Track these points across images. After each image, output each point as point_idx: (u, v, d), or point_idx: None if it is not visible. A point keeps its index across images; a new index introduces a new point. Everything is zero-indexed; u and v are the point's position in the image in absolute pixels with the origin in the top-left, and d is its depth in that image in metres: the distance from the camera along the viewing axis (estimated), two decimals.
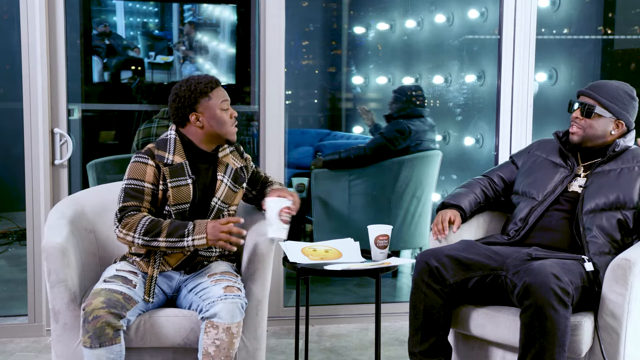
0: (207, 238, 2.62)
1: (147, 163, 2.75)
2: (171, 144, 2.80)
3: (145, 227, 2.65)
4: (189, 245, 2.64)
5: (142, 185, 2.73)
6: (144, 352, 2.73)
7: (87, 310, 2.51)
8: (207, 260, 2.85)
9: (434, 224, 3.02)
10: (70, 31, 4.06)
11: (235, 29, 5.78)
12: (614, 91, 2.92)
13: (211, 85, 2.79)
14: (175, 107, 2.80)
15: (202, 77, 2.82)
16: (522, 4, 4.09)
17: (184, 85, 2.80)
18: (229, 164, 2.87)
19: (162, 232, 2.64)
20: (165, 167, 2.75)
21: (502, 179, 3.18)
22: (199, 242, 2.63)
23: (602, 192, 2.85)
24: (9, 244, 5.07)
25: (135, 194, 2.72)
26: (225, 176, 2.84)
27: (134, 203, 2.70)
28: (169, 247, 2.66)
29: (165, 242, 2.64)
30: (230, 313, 2.57)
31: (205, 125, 2.79)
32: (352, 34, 6.30)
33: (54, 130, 3.73)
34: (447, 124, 5.32)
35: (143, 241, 2.65)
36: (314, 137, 6.23)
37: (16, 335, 3.75)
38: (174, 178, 2.75)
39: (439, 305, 2.77)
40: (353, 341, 3.81)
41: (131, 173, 2.76)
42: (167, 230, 2.64)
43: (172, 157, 2.78)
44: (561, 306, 2.52)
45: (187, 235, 2.63)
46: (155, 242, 2.65)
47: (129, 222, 2.66)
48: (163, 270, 2.78)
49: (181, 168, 2.77)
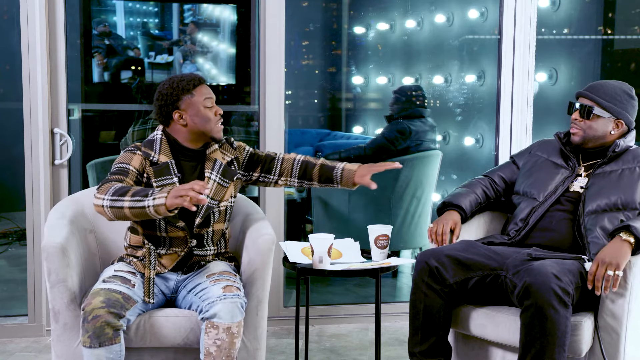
0: (166, 197, 2.49)
1: (134, 152, 2.77)
2: (157, 144, 2.79)
3: (116, 188, 2.59)
4: (148, 204, 2.51)
5: (127, 167, 2.73)
6: (144, 352, 2.73)
7: (87, 310, 2.51)
8: (203, 260, 2.84)
9: (433, 233, 2.99)
10: (70, 31, 4.07)
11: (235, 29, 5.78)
12: (613, 91, 2.92)
13: (194, 82, 2.79)
14: (159, 106, 2.80)
15: (185, 75, 2.82)
16: (522, 4, 4.09)
17: (167, 83, 2.80)
18: (217, 159, 2.84)
19: (129, 192, 2.57)
20: (150, 166, 2.75)
21: (503, 179, 3.18)
22: (158, 202, 2.49)
23: (604, 193, 2.85)
24: (9, 244, 5.07)
25: (120, 172, 2.72)
26: (213, 172, 2.82)
27: (117, 177, 2.70)
28: (131, 208, 2.54)
29: (129, 201, 2.54)
30: (230, 313, 2.56)
31: (189, 122, 2.77)
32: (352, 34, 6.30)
33: (54, 130, 3.73)
34: (447, 124, 5.32)
35: (110, 201, 2.56)
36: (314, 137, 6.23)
37: (16, 335, 3.76)
38: (159, 177, 2.74)
39: (439, 305, 2.77)
40: (353, 341, 3.81)
41: (118, 160, 2.77)
42: (134, 190, 2.57)
43: (157, 156, 2.77)
44: (561, 306, 2.52)
45: (149, 195, 2.53)
46: (120, 201, 2.55)
47: (104, 187, 2.62)
48: (159, 272, 2.77)
49: (166, 167, 2.76)
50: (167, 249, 2.78)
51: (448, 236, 2.96)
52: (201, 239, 2.82)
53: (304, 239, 3.67)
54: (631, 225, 2.63)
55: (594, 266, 2.60)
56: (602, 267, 2.58)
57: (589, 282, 2.60)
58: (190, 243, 2.79)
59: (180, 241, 2.78)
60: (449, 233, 2.96)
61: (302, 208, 5.01)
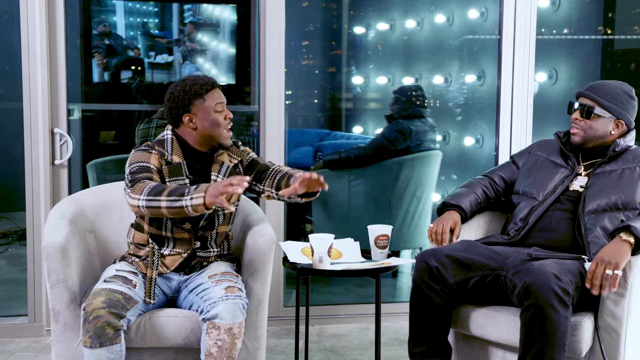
0: (204, 197, 2.51)
1: (150, 152, 2.75)
2: (168, 144, 2.79)
3: (151, 187, 2.59)
4: (187, 205, 2.53)
5: (147, 165, 2.71)
6: (144, 352, 2.73)
7: (88, 310, 2.51)
8: (206, 261, 2.84)
9: (433, 233, 2.99)
10: (70, 31, 4.07)
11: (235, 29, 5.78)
12: (613, 91, 2.92)
13: (206, 87, 2.76)
14: (170, 107, 2.78)
15: (199, 77, 2.79)
16: (522, 4, 4.09)
17: (180, 85, 2.78)
18: (224, 162, 2.84)
19: (164, 191, 2.56)
20: (165, 165, 2.75)
21: (503, 179, 3.18)
22: (197, 202, 2.51)
23: (604, 193, 2.85)
24: (9, 244, 5.07)
25: (145, 170, 2.69)
26: (220, 175, 2.82)
27: (144, 175, 2.68)
28: (169, 207, 2.55)
29: (166, 200, 2.55)
30: (232, 314, 2.56)
31: (199, 126, 2.76)
32: (352, 34, 6.30)
33: (54, 130, 3.73)
34: (447, 124, 5.32)
35: (146, 201, 2.57)
36: (314, 137, 6.23)
37: (16, 335, 3.76)
38: (172, 177, 2.74)
39: (439, 305, 2.77)
40: (353, 341, 3.81)
41: (134, 159, 2.74)
42: (169, 190, 2.57)
43: (171, 156, 2.77)
44: (561, 306, 2.52)
45: (187, 194, 2.54)
46: (157, 201, 2.56)
47: (138, 186, 2.61)
48: (161, 272, 2.77)
49: (179, 168, 2.77)
50: (170, 250, 2.78)
51: (448, 236, 2.96)
52: (205, 241, 2.82)
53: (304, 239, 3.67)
54: (631, 226, 2.63)
55: (594, 265, 2.60)
56: (601, 266, 2.58)
57: (587, 281, 2.60)
58: (194, 245, 2.79)
59: (184, 242, 2.78)
60: (448, 233, 2.96)
61: (302, 208, 5.01)
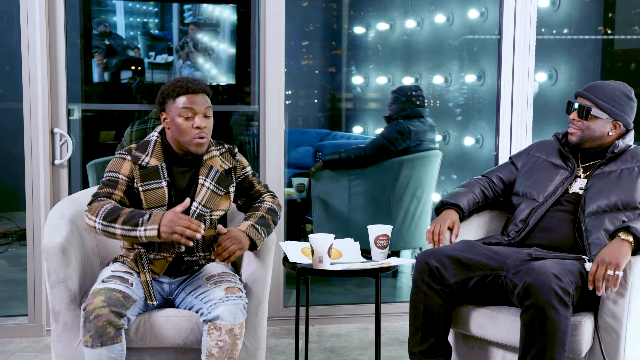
0: (159, 230, 2.52)
1: (124, 158, 2.76)
2: (151, 146, 2.78)
3: (106, 211, 2.60)
4: (140, 235, 2.54)
5: (116, 177, 2.72)
6: (144, 352, 2.73)
7: (89, 309, 2.50)
8: (197, 265, 2.82)
9: (430, 233, 2.98)
10: (70, 31, 4.07)
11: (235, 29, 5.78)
12: (611, 92, 2.91)
13: (180, 90, 2.71)
14: (156, 101, 2.81)
15: (184, 79, 2.75)
16: (522, 4, 4.09)
17: (167, 82, 2.80)
18: (213, 166, 2.80)
19: (119, 218, 2.58)
20: (139, 170, 2.74)
21: (502, 180, 3.18)
22: (150, 234, 2.53)
23: (604, 194, 2.85)
24: (9, 244, 5.07)
25: (110, 183, 2.72)
26: (208, 179, 2.77)
27: (107, 190, 2.70)
28: (124, 236, 2.58)
29: (121, 229, 2.57)
30: (233, 314, 2.56)
31: (171, 128, 2.75)
32: (352, 34, 6.30)
33: (54, 130, 3.73)
34: (447, 124, 5.32)
35: (102, 225, 2.59)
36: (314, 137, 6.24)
37: (16, 335, 3.76)
38: (145, 182, 2.72)
39: (439, 305, 2.77)
40: (353, 341, 3.81)
41: (109, 167, 2.77)
42: (124, 217, 2.58)
43: (148, 159, 2.75)
44: (562, 306, 2.52)
45: (140, 225, 2.55)
46: (112, 228, 2.58)
47: (95, 206, 2.64)
48: (153, 277, 2.76)
49: (155, 171, 2.74)
50: (155, 254, 2.76)
51: (445, 236, 2.96)
52: (190, 246, 2.75)
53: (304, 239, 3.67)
54: (631, 226, 2.63)
55: (594, 266, 2.60)
56: (602, 267, 2.58)
57: (589, 283, 2.60)
58: (178, 249, 2.77)
59: (168, 246, 2.75)
60: (445, 233, 2.97)
61: (302, 208, 5.01)
